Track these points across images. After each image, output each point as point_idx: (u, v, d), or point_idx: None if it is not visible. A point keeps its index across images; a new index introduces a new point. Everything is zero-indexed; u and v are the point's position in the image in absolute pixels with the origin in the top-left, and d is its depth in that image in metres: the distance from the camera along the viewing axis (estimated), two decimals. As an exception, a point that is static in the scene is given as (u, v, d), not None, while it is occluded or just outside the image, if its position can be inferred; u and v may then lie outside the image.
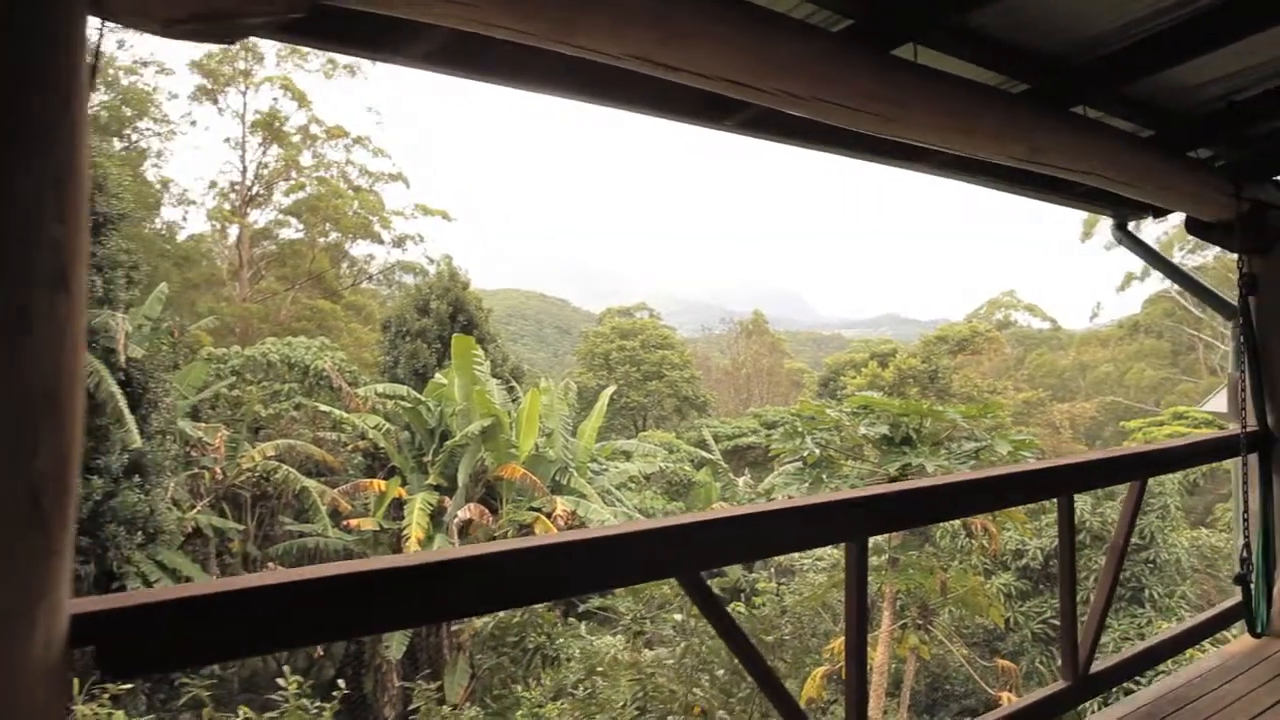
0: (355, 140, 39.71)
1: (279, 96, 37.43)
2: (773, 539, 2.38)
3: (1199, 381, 37.69)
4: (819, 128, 3.43)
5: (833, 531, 2.54)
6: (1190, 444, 4.00)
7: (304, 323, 35.25)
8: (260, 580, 1.66)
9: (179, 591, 1.52)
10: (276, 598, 1.62)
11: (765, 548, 2.46)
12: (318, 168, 39.89)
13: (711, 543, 2.16)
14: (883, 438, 10.09)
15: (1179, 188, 3.86)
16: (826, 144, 3.59)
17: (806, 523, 2.43)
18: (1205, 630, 4.24)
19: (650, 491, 24.85)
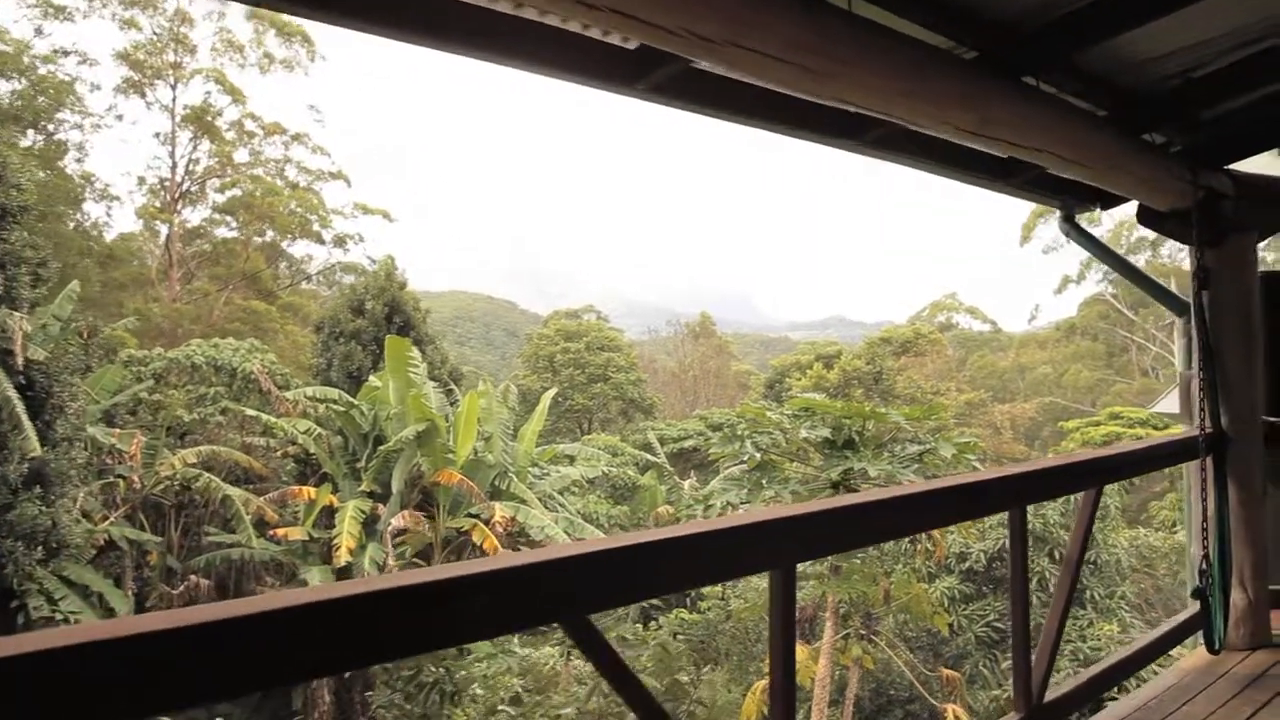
0: (294, 137, 38.55)
1: (212, 91, 36.09)
2: (681, 572, 1.98)
3: (1132, 382, 38.59)
4: (739, 91, 3.07)
5: (755, 558, 2.15)
6: (1147, 448, 3.73)
7: (237, 324, 34.03)
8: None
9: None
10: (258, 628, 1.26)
11: (670, 582, 2.05)
12: (254, 165, 38.63)
13: (601, 581, 1.75)
14: (825, 441, 9.81)
15: (1134, 171, 3.58)
16: (749, 113, 3.21)
17: (723, 550, 2.04)
18: (1161, 646, 3.98)
19: (594, 496, 24.41)
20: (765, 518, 2.15)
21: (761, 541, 2.13)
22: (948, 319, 50.29)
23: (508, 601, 1.60)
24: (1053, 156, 3.15)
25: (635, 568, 1.84)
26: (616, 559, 1.79)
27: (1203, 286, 4.21)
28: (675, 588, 2.32)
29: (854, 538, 2.45)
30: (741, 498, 9.71)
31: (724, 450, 10.15)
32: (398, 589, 1.50)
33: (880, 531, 2.54)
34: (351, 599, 1.40)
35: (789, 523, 2.17)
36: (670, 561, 1.89)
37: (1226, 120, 4.10)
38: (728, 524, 2.07)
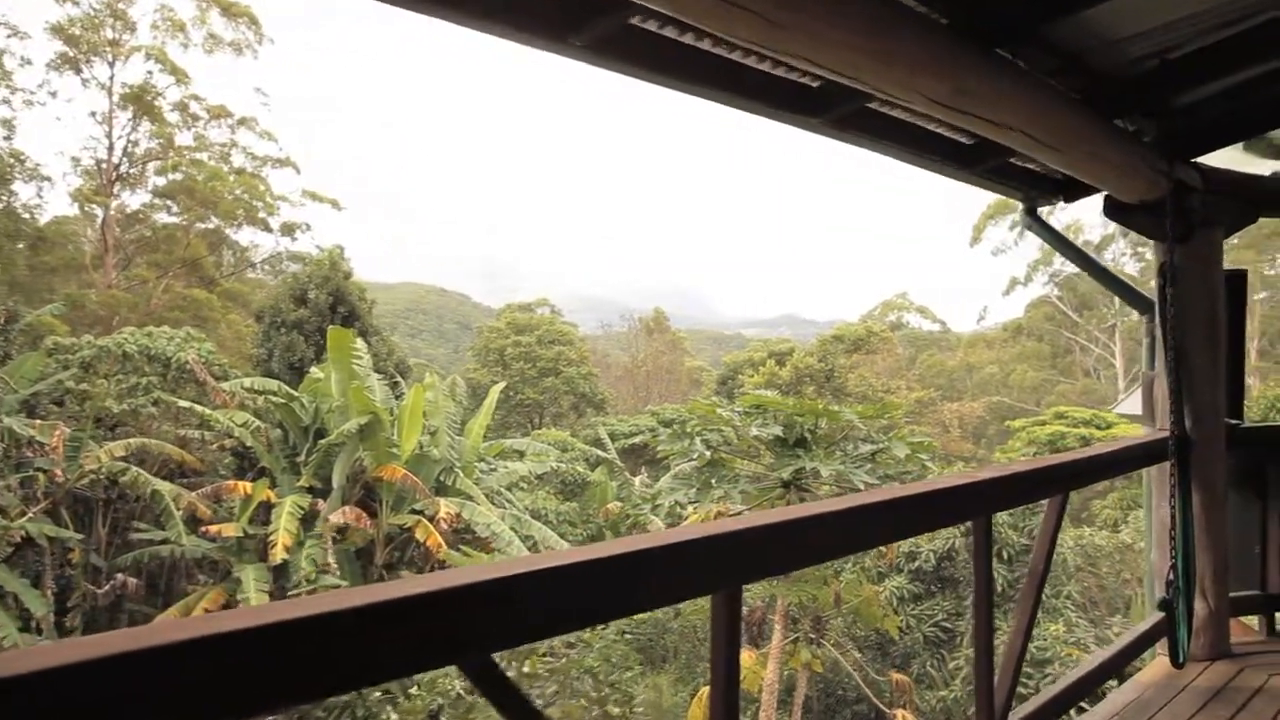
0: (240, 121, 37.35)
1: (153, 70, 34.76)
2: (609, 599, 1.69)
3: (1076, 383, 39.36)
4: (689, 56, 2.79)
5: (696, 580, 1.87)
6: (1115, 451, 3.54)
7: (177, 313, 32.92)
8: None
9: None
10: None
11: (596, 611, 1.74)
12: (197, 149, 37.34)
13: (509, 615, 1.45)
14: (776, 439, 9.59)
15: (1107, 158, 3.37)
16: (700, 81, 2.93)
17: (660, 572, 1.76)
18: (1124, 659, 3.79)
19: (543, 492, 24.01)
20: (708, 533, 1.86)
21: (704, 561, 1.85)
22: (898, 318, 50.83)
23: (389, 642, 1.29)
24: (1026, 138, 2.91)
25: (549, 596, 1.54)
26: (525, 587, 1.48)
27: (1169, 283, 4.04)
28: (601, 617, 2.02)
29: (809, 553, 2.18)
30: (690, 496, 9.44)
31: (673, 448, 9.87)
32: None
33: (838, 546, 2.28)
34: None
35: (736, 539, 1.89)
36: (594, 588, 1.60)
37: (1196, 110, 3.93)
38: (664, 541, 1.78)
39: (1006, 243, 39.41)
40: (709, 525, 1.89)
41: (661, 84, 3.04)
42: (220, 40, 36.29)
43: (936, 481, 2.48)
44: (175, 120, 36.02)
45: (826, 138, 3.53)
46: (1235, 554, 4.49)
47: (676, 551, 1.80)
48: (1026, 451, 23.11)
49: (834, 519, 2.15)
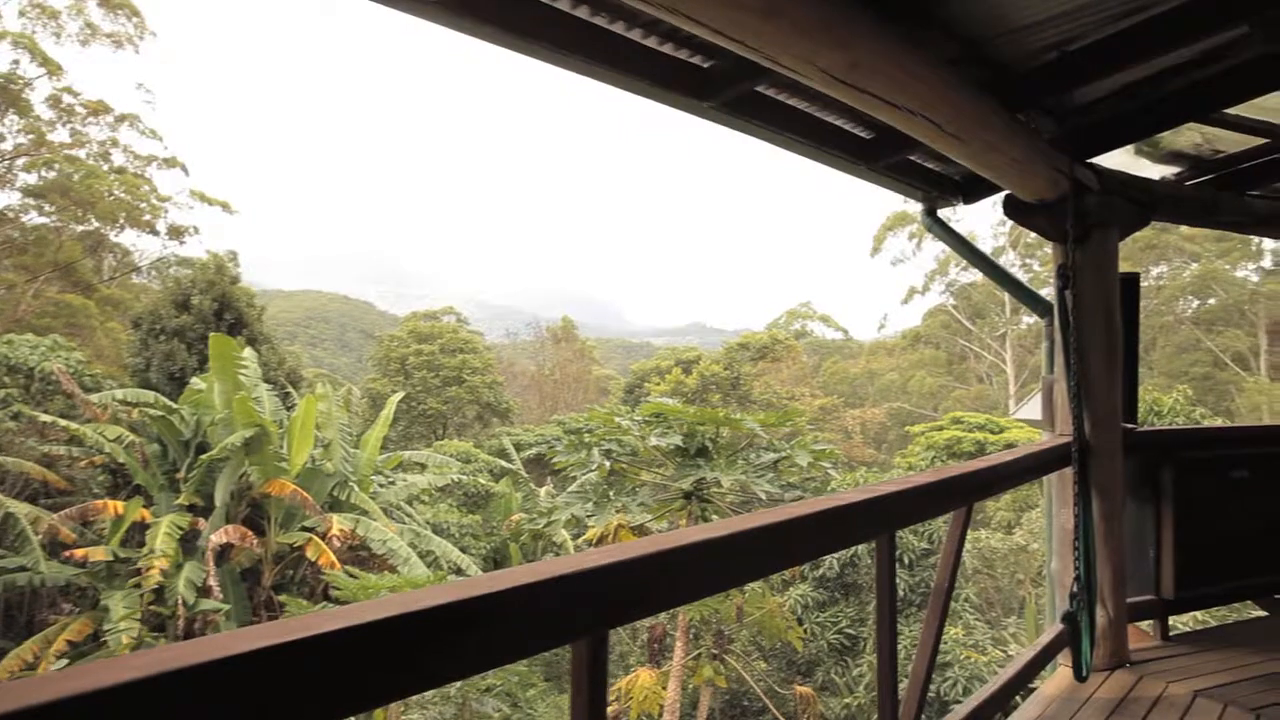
0: (121, 118, 35.24)
1: (21, 59, 32.43)
2: (449, 655, 1.35)
3: (970, 388, 40.76)
4: (555, 20, 2.49)
5: (554, 626, 1.55)
6: (1019, 459, 3.40)
7: (48, 319, 30.79)
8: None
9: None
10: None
11: (430, 674, 1.40)
12: (73, 145, 35.05)
13: (295, 682, 1.10)
14: (677, 449, 9.33)
15: (1009, 152, 3.22)
16: (568, 48, 2.63)
17: (513, 618, 1.44)
18: (1029, 674, 3.64)
19: (445, 505, 23.29)
20: (569, 570, 1.54)
21: (564, 602, 1.53)
22: (803, 326, 51.77)
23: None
24: (928, 124, 2.71)
25: (369, 654, 1.20)
26: (351, 643, 1.15)
27: (1067, 285, 3.95)
28: (439, 679, 1.73)
29: (695, 586, 1.89)
30: (588, 510, 9.06)
31: (570, 459, 9.48)
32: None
33: (729, 576, 2.00)
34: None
35: (604, 576, 1.58)
36: (431, 641, 1.27)
37: (1091, 110, 3.85)
38: (519, 580, 1.46)
39: (905, 253, 40.65)
40: (571, 560, 1.58)
41: (536, 55, 2.73)
42: (98, 31, 34.21)
43: (836, 498, 2.23)
44: (49, 115, 33.75)
45: (717, 124, 3.28)
46: (1131, 559, 4.45)
47: (531, 595, 1.48)
48: (925, 456, 23.66)
49: (723, 545, 1.87)
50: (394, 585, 11.25)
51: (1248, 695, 3.83)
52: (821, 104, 3.61)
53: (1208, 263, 37.82)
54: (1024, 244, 37.49)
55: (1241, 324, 37.49)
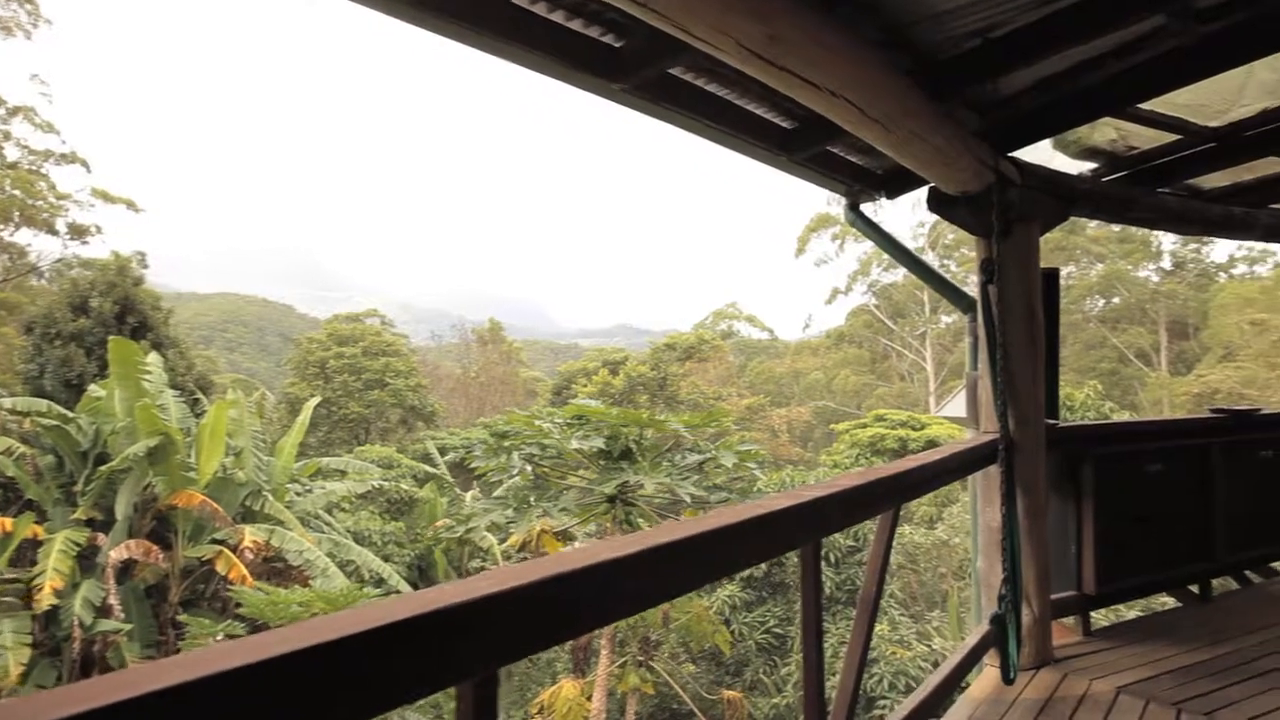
0: (14, 111, 33.32)
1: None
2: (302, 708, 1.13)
3: (892, 386, 41.61)
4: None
5: (436, 666, 1.33)
6: (945, 458, 3.30)
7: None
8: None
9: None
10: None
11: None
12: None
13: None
14: (600, 452, 9.11)
15: (934, 141, 3.11)
16: (477, 26, 2.41)
17: (391, 657, 1.22)
18: (957, 678, 3.55)
19: (367, 512, 22.59)
20: (456, 599, 1.33)
21: (444, 639, 1.32)
22: (729, 327, 52.14)
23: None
24: (851, 108, 2.58)
25: None
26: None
27: (990, 280, 3.89)
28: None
29: (599, 611, 1.69)
30: (508, 517, 8.75)
31: (489, 464, 9.14)
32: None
33: (644, 596, 1.81)
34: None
35: (491, 606, 1.37)
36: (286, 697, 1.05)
37: (1013, 102, 3.79)
38: (393, 615, 1.24)
39: (829, 254, 41.29)
40: (457, 589, 1.36)
41: (444, 32, 2.51)
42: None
43: (760, 505, 2.05)
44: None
45: (631, 108, 3.09)
46: (1053, 556, 4.43)
47: (406, 633, 1.27)
48: (850, 453, 23.98)
49: (638, 563, 1.68)
50: (305, 600, 10.75)
51: (1167, 690, 3.82)
52: (741, 90, 3.47)
53: (1112, 263, 39.45)
54: (943, 245, 38.46)
55: (1144, 322, 39.20)
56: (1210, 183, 5.44)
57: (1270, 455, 5.87)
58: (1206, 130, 4.46)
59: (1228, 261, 39.91)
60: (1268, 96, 4.21)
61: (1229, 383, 28.11)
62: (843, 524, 2.64)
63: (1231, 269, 39.76)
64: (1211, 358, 32.90)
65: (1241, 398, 26.51)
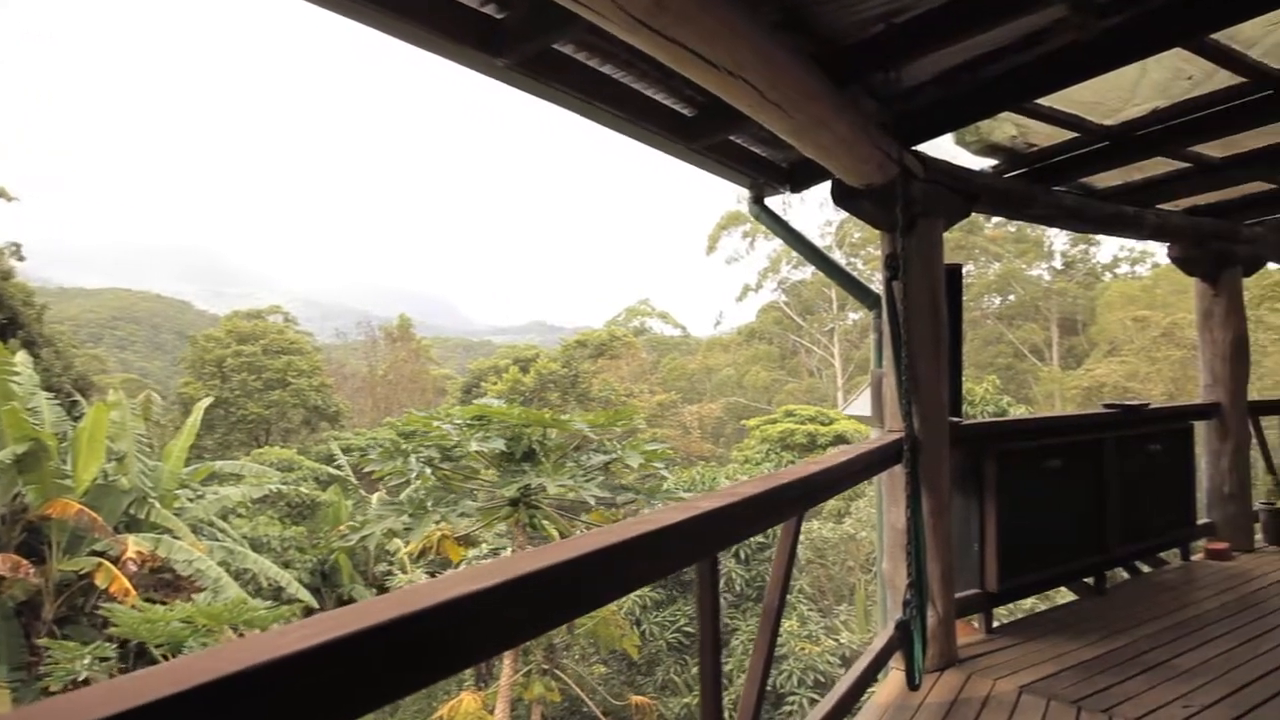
0: None
1: None
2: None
3: (801, 382, 42.33)
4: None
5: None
6: (849, 460, 3.18)
7: None
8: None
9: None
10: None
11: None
12: None
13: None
14: (502, 454, 8.79)
15: (836, 129, 2.98)
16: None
17: None
18: (863, 685, 3.45)
19: (265, 517, 21.63)
20: (267, 656, 1.08)
21: (255, 698, 1.07)
22: (642, 324, 52.17)
23: None
24: (749, 88, 2.41)
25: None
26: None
27: (895, 275, 3.80)
28: None
29: (458, 652, 1.46)
30: (405, 523, 8.36)
31: (385, 467, 8.71)
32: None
33: (522, 628, 1.59)
34: None
35: (330, 654, 1.13)
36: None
37: (917, 94, 3.70)
38: (199, 677, 0.99)
39: (739, 251, 41.68)
40: (264, 642, 1.12)
41: (319, 2, 2.23)
42: None
43: (650, 520, 1.86)
44: None
45: (515, 86, 2.86)
46: (957, 554, 4.40)
47: (221, 694, 1.02)
48: (761, 448, 24.21)
49: (512, 591, 1.46)
50: (188, 615, 10.09)
51: (1068, 688, 3.82)
52: (638, 74, 3.28)
53: (1008, 263, 41.06)
54: (849, 243, 39.27)
55: (1037, 318, 40.94)
56: (1103, 182, 5.53)
57: (1157, 448, 6.04)
58: (1101, 129, 4.49)
59: (1112, 262, 42.10)
60: (1159, 96, 4.25)
61: (1114, 376, 29.53)
62: (742, 535, 2.48)
63: (1115, 269, 41.94)
64: (1098, 353, 34.54)
65: (1126, 390, 27.87)
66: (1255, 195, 6.22)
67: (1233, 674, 3.98)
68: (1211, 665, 4.09)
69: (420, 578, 13.41)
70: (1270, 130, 4.86)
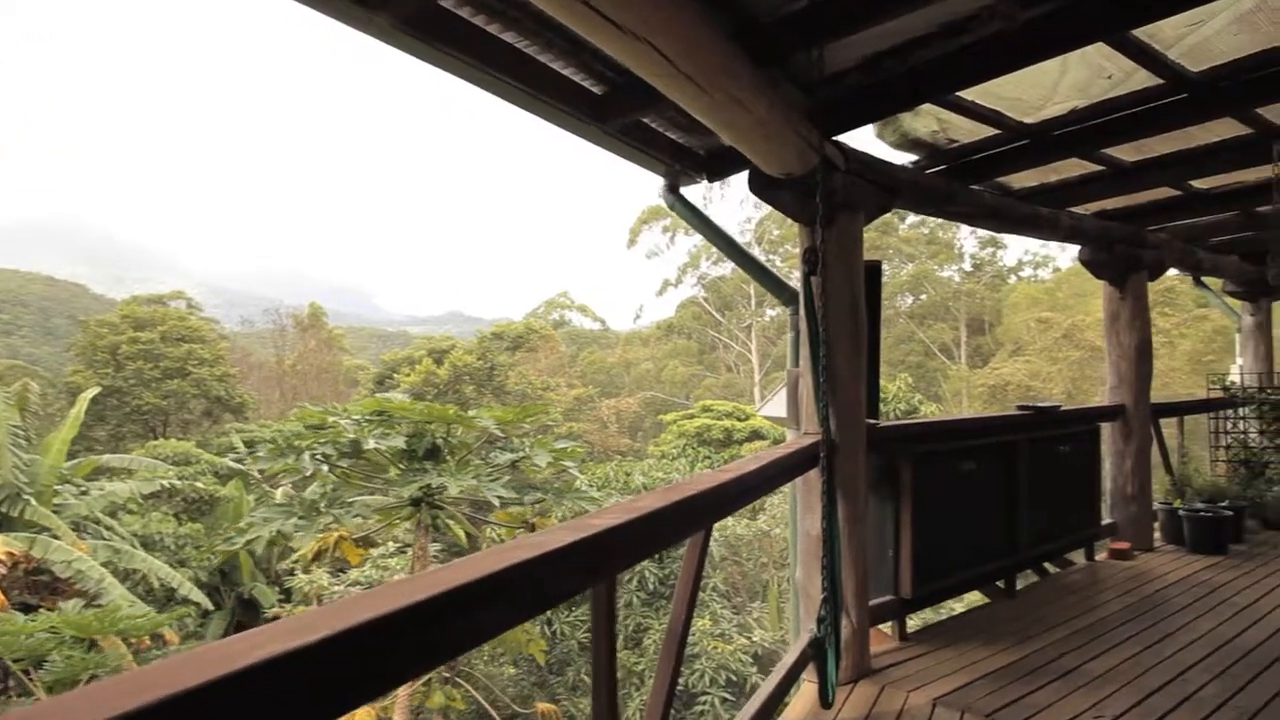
0: None
1: None
2: None
3: (719, 377, 42.58)
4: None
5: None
6: (764, 466, 2.97)
7: None
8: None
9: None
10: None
11: None
12: None
13: None
14: (401, 452, 8.34)
15: (754, 110, 2.76)
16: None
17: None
18: (775, 702, 3.26)
19: (159, 514, 20.49)
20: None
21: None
22: (561, 316, 51.72)
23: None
24: (658, 57, 2.16)
25: None
26: None
27: (814, 270, 3.61)
28: None
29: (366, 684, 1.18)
30: (293, 526, 7.83)
31: (275, 465, 8.16)
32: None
33: (404, 668, 1.31)
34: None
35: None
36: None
37: (840, 80, 3.53)
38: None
39: (660, 246, 41.64)
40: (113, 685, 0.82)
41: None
42: None
43: (538, 542, 1.59)
44: None
45: (398, 48, 2.54)
46: (872, 560, 4.27)
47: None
48: (678, 443, 24.15)
49: (338, 648, 1.18)
50: (53, 625, 9.31)
51: (981, 699, 3.72)
52: (543, 43, 3.00)
53: (921, 263, 42.13)
54: (768, 240, 39.64)
55: (947, 318, 42.12)
56: (1019, 182, 5.51)
57: (1067, 450, 6.07)
58: (1021, 126, 4.42)
59: (1017, 265, 43.62)
60: (1079, 95, 4.19)
61: (1019, 375, 30.52)
62: (644, 553, 2.23)
63: (1020, 271, 43.46)
64: (1004, 352, 35.70)
65: (1029, 389, 28.84)
66: (1160, 201, 6.33)
67: (1141, 680, 3.95)
68: (1120, 671, 4.06)
69: (322, 578, 12.84)
70: (1178, 136, 4.89)
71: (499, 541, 13.59)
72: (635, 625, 12.91)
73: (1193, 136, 4.87)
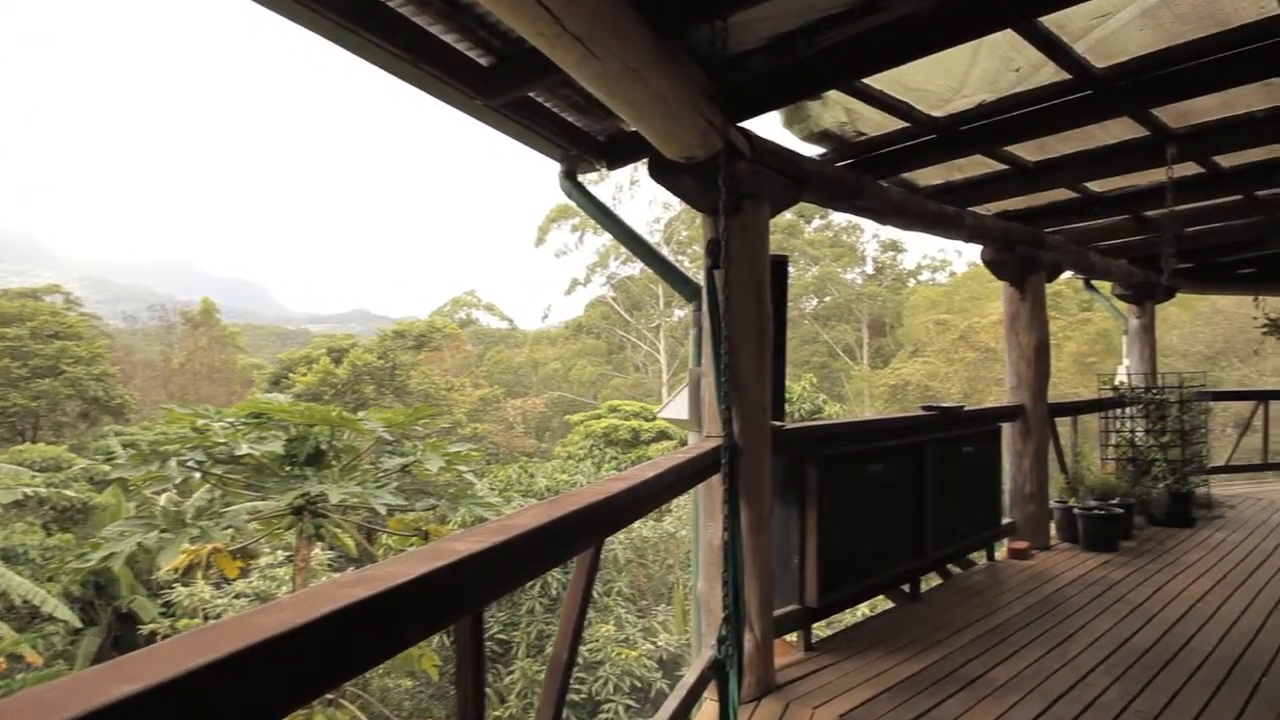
0: None
1: None
2: None
3: (628, 377, 42.46)
4: None
5: None
6: (662, 474, 2.72)
7: None
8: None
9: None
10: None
11: None
12: None
13: None
14: (280, 457, 7.77)
15: (653, 84, 2.50)
16: None
17: None
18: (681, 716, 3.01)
19: (23, 524, 19.00)
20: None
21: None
22: (468, 315, 50.70)
23: None
24: (542, 11, 1.87)
25: None
26: None
27: (716, 263, 3.39)
28: None
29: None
30: (154, 540, 7.16)
31: (137, 472, 7.45)
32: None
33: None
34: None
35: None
36: None
37: (746, 61, 3.31)
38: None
39: (569, 245, 41.24)
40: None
41: None
42: None
43: (379, 576, 1.26)
44: None
45: (263, 5, 2.18)
46: (776, 569, 4.07)
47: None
48: (584, 444, 23.83)
49: (242, 666, 0.86)
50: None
51: (888, 713, 3.56)
52: (419, 5, 2.67)
53: (825, 266, 42.99)
54: (677, 240, 39.72)
55: (850, 320, 43.09)
56: (925, 179, 5.44)
57: (970, 450, 6.06)
58: (930, 120, 4.31)
59: (916, 268, 44.99)
60: (987, 88, 4.10)
61: (918, 375, 31.38)
62: (523, 579, 1.94)
63: (919, 275, 44.84)
64: (904, 353, 36.68)
65: (927, 389, 29.66)
66: (1058, 203, 6.39)
67: (1045, 686, 3.87)
68: (1024, 678, 3.98)
69: (204, 590, 12.03)
70: (1078, 136, 4.89)
71: (393, 550, 13.01)
72: (538, 633, 12.54)
73: (1093, 136, 4.87)
